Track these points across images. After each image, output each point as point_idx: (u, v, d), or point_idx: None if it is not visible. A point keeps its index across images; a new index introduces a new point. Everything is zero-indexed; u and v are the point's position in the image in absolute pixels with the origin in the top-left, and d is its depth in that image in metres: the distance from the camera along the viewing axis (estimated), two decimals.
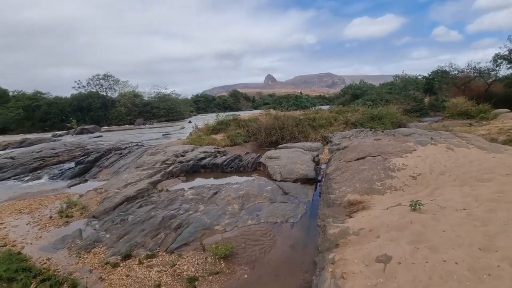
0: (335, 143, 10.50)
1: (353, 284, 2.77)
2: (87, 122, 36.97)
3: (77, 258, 4.35)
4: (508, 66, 21.22)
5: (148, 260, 4.14)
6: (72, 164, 11.46)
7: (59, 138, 24.29)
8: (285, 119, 14.90)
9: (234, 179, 8.38)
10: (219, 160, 9.75)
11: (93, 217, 5.97)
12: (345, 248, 3.57)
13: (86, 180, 9.55)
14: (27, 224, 5.78)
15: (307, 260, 3.95)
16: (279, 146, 11.42)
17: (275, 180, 7.49)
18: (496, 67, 21.91)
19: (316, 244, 4.22)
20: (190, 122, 34.16)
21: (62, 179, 9.91)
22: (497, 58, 21.27)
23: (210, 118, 18.56)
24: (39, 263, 4.22)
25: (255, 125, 14.66)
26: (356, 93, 30.35)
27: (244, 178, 8.24)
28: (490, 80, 22.91)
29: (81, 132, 27.80)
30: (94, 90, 45.42)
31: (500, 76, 22.34)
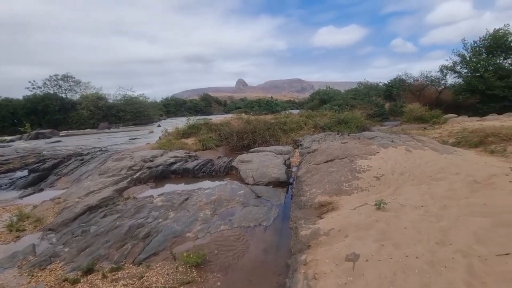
0: (305, 146, 10.81)
1: (324, 284, 2.85)
2: (44, 126, 33.84)
3: (30, 276, 3.92)
4: (454, 76, 23.73)
5: (113, 273, 3.87)
6: (25, 172, 10.40)
7: (9, 143, 21.92)
8: (257, 123, 15.02)
9: (206, 184, 8.22)
10: (190, 164, 9.51)
11: (50, 229, 5.44)
12: (316, 248, 3.67)
13: (41, 190, 8.70)
14: None
15: (281, 263, 3.98)
16: (251, 150, 11.45)
17: (248, 184, 7.48)
18: (444, 76, 24.39)
19: (289, 246, 4.27)
20: (159, 126, 32.97)
21: (13, 189, 8.94)
22: (443, 69, 23.70)
23: (180, 122, 18.09)
24: None
25: (227, 129, 14.57)
26: (324, 98, 31.66)
27: (216, 183, 8.12)
28: (440, 88, 25.34)
29: (36, 137, 25.40)
30: (52, 92, 41.85)
31: (448, 84, 24.84)
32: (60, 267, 4.14)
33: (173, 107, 63.20)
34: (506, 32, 20.57)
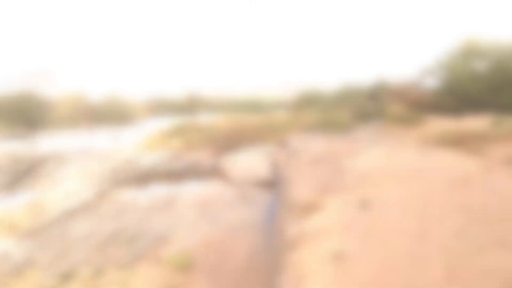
0: (292, 146, 10.89)
1: (311, 283, 2.86)
2: (19, 126, 32.25)
3: (3, 285, 3.71)
4: (433, 78, 24.81)
5: (94, 279, 3.73)
6: None
7: None
8: (244, 123, 15.01)
9: (192, 185, 8.10)
10: (176, 165, 9.35)
11: (26, 235, 5.18)
12: (303, 248, 3.69)
13: (16, 193, 8.28)
14: None
15: (268, 264, 3.98)
16: (238, 150, 11.42)
17: (235, 185, 7.44)
18: (423, 79, 25.49)
19: (276, 247, 4.28)
20: (144, 126, 32.24)
21: None
22: (422, 72, 24.80)
23: (166, 122, 17.77)
24: None
25: (214, 129, 14.46)
26: (310, 99, 32.15)
27: (203, 184, 8.03)
28: (421, 90, 26.37)
29: (11, 138, 24.19)
30: (28, 89, 39.93)
31: (428, 87, 25.90)
32: (37, 274, 3.94)
33: (159, 106, 62.04)
34: (480, 37, 21.68)
